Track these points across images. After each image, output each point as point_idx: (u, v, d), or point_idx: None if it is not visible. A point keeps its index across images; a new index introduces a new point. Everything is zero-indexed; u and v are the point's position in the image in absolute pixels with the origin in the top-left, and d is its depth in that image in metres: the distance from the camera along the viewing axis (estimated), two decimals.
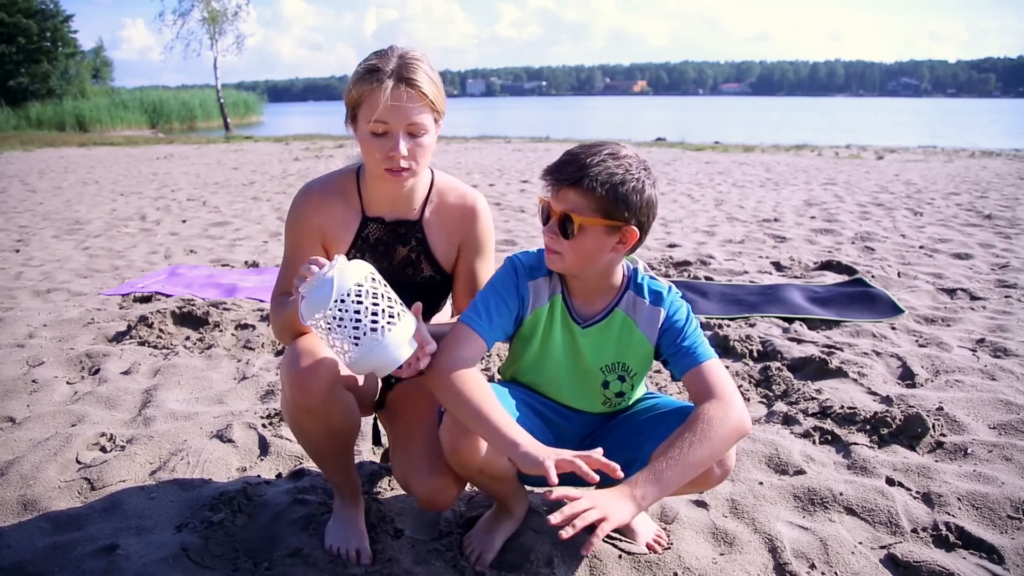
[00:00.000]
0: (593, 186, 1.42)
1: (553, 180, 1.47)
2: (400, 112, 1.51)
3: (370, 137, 1.55)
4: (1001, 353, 3.07)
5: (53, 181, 9.92)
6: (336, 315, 1.35)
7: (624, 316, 1.61)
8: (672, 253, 5.16)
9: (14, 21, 30.65)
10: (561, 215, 1.46)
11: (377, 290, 1.39)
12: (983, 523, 1.89)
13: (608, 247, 1.50)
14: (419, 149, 1.57)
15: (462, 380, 1.45)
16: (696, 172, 10.57)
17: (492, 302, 1.57)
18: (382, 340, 1.36)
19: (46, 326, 3.47)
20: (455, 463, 1.56)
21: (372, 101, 1.51)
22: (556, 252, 1.51)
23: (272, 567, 1.66)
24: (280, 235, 5.98)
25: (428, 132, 1.57)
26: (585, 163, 1.43)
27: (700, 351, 1.54)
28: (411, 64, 1.53)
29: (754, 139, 17.77)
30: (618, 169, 1.43)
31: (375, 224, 1.73)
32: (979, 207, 7.14)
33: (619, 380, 1.65)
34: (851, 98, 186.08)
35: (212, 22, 28.67)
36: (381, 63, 1.53)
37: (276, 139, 19.34)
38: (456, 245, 1.78)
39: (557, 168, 1.47)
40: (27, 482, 2.03)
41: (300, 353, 1.54)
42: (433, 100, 1.56)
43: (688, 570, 1.68)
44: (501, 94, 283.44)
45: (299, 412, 1.58)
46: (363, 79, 1.53)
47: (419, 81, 1.52)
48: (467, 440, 1.49)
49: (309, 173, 10.54)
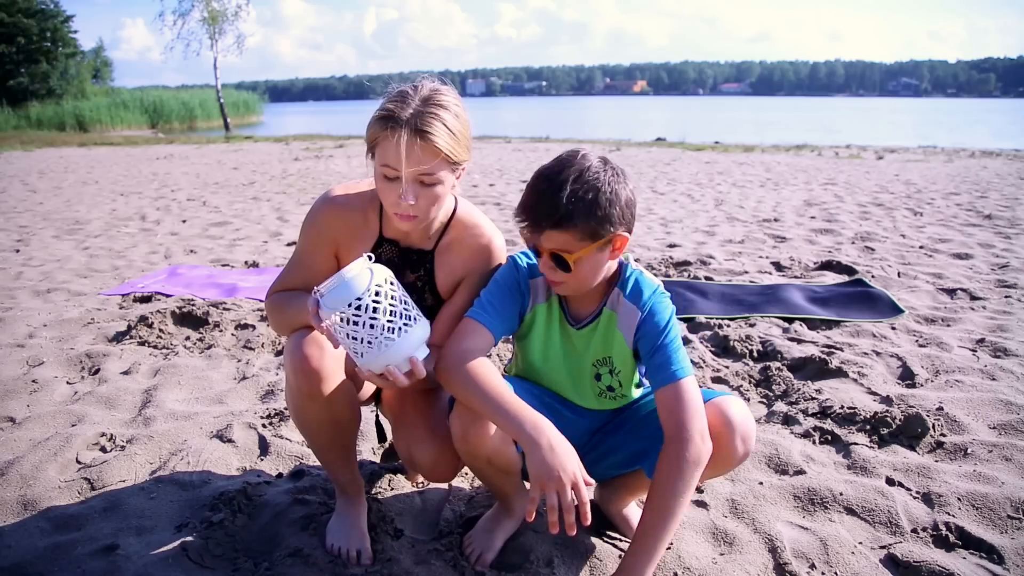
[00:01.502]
0: (574, 222, 1.41)
1: (531, 224, 1.46)
2: (410, 163, 1.47)
3: (382, 179, 1.53)
4: (1001, 353, 3.07)
5: (53, 181, 9.92)
6: (355, 314, 1.37)
7: (609, 314, 1.62)
8: (672, 253, 5.16)
9: (14, 21, 30.64)
10: (551, 253, 1.47)
11: (395, 293, 1.42)
12: (983, 523, 1.89)
13: (605, 260, 1.52)
14: (431, 198, 1.53)
15: (473, 368, 1.46)
16: (696, 172, 10.57)
17: (497, 297, 1.60)
18: (397, 341, 1.39)
19: (46, 326, 3.47)
20: (464, 452, 1.57)
21: (384, 147, 1.48)
22: (559, 282, 1.53)
23: (272, 567, 1.66)
24: (280, 235, 5.98)
25: (441, 183, 1.52)
26: (556, 201, 1.41)
27: (673, 368, 1.50)
28: (428, 115, 1.46)
29: (753, 139, 17.76)
30: (588, 193, 1.41)
31: (389, 245, 1.72)
32: (979, 207, 7.14)
33: (609, 373, 1.66)
34: (851, 98, 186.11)
35: (212, 22, 28.68)
36: (398, 110, 1.46)
37: (276, 139, 19.33)
38: (460, 279, 1.76)
39: (530, 210, 1.46)
40: (27, 482, 2.03)
41: (304, 341, 1.55)
42: (449, 154, 1.49)
43: (688, 570, 1.68)
44: (501, 94, 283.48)
45: (304, 399, 1.58)
46: (378, 123, 1.49)
47: (433, 135, 1.45)
48: (477, 427, 1.50)
49: (309, 173, 10.54)
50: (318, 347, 1.54)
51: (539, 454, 1.35)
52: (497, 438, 1.52)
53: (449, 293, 1.77)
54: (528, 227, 1.47)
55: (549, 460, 1.34)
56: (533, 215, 1.45)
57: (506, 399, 1.43)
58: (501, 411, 1.42)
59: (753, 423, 1.55)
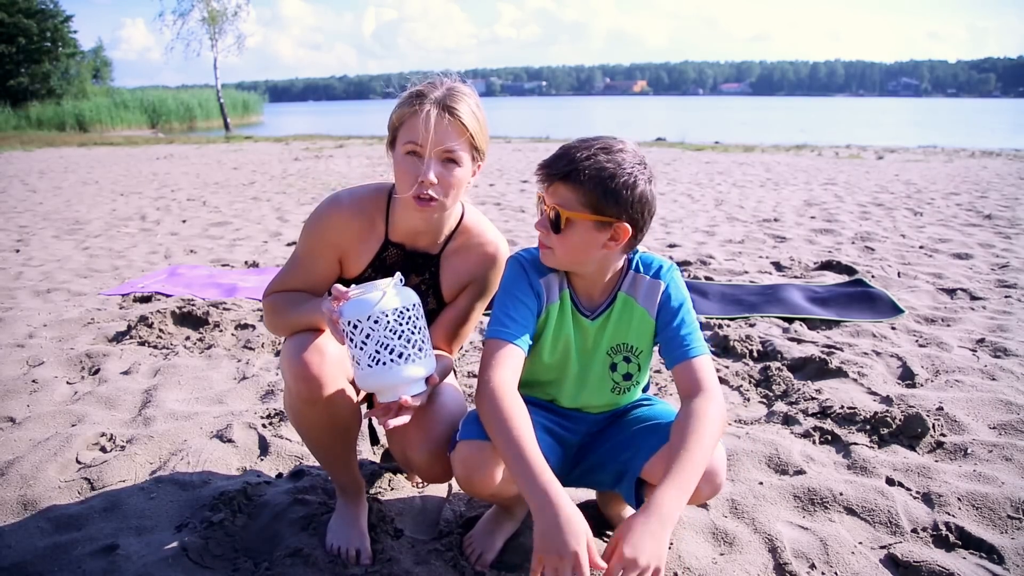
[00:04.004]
0: (581, 180, 1.41)
1: (545, 174, 1.48)
2: (436, 138, 1.50)
3: (403, 157, 1.54)
4: (1001, 353, 3.07)
5: (53, 181, 9.92)
6: (372, 328, 1.39)
7: (625, 296, 1.61)
8: (672, 253, 5.16)
9: (14, 21, 30.63)
10: (550, 209, 1.47)
11: (418, 322, 1.44)
12: (983, 523, 1.89)
13: (598, 243, 1.48)
14: (451, 179, 1.54)
15: (506, 408, 1.40)
16: (696, 172, 10.57)
17: (511, 307, 1.56)
18: (402, 366, 1.41)
19: (46, 326, 3.47)
20: (467, 490, 1.58)
21: (411, 123, 1.51)
22: (547, 247, 1.52)
23: (272, 567, 1.66)
24: (280, 235, 5.98)
25: (462, 165, 1.55)
26: (576, 157, 1.43)
27: (694, 345, 1.54)
28: (456, 95, 1.54)
29: (753, 139, 17.75)
30: (609, 164, 1.42)
31: (395, 249, 1.72)
32: (979, 207, 7.14)
33: (625, 361, 1.65)
34: (851, 98, 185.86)
35: (212, 22, 28.70)
36: (427, 90, 1.54)
37: (276, 139, 19.34)
38: (464, 284, 1.77)
39: (549, 162, 1.48)
40: (27, 482, 2.03)
41: (303, 345, 1.54)
42: (473, 134, 1.54)
43: (688, 570, 1.68)
44: (501, 94, 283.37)
45: (303, 404, 1.58)
46: (406, 102, 1.54)
47: (460, 112, 1.52)
48: (482, 473, 1.50)
49: (309, 173, 10.54)
50: (318, 353, 1.54)
51: (545, 526, 1.27)
52: (503, 481, 1.52)
53: (452, 297, 1.78)
54: (542, 177, 1.48)
55: (554, 537, 1.26)
56: (550, 165, 1.47)
57: (528, 455, 1.34)
58: (520, 467, 1.33)
59: (722, 459, 1.51)
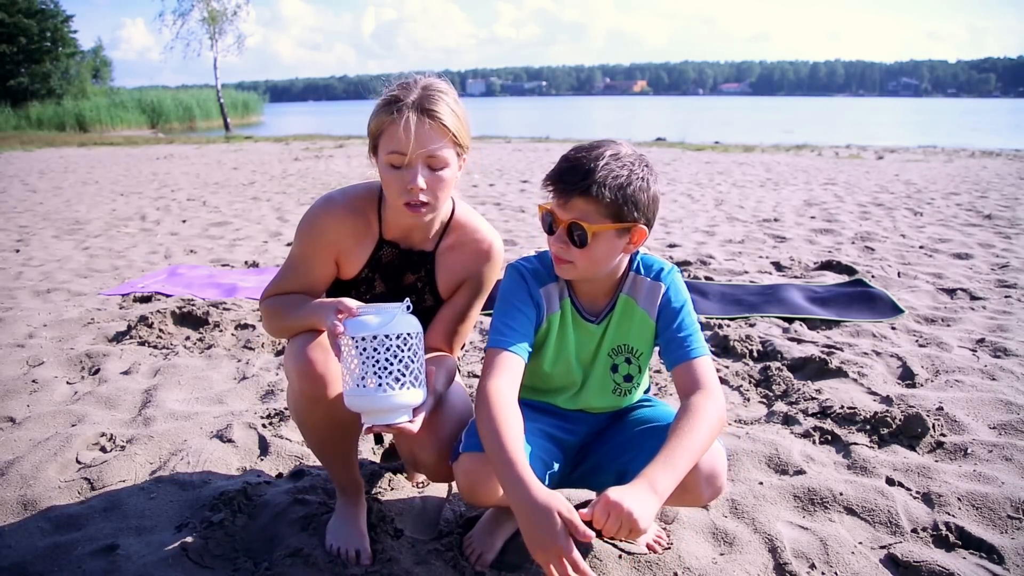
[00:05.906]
0: (602, 192, 1.40)
1: (559, 189, 1.44)
2: (419, 144, 1.48)
3: (388, 169, 1.52)
4: (1001, 353, 3.07)
5: (53, 181, 9.92)
6: (374, 348, 1.38)
7: (625, 298, 1.62)
8: (672, 253, 5.16)
9: (14, 21, 30.62)
10: (570, 224, 1.44)
11: (418, 351, 1.43)
12: (983, 523, 1.89)
13: (619, 249, 1.50)
14: (439, 183, 1.53)
15: (500, 417, 1.39)
16: (696, 172, 10.57)
17: (510, 316, 1.55)
18: (396, 391, 1.39)
19: (46, 326, 3.47)
20: (470, 500, 1.58)
21: (391, 132, 1.49)
22: (567, 261, 1.49)
23: (272, 567, 1.66)
24: (280, 235, 5.98)
25: (448, 166, 1.54)
26: (590, 168, 1.40)
27: (695, 346, 1.55)
28: (433, 96, 1.50)
29: (753, 139, 17.76)
30: (623, 170, 1.42)
31: (390, 248, 1.72)
32: (979, 207, 7.14)
33: (626, 363, 1.66)
34: (851, 98, 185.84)
35: (212, 22, 28.70)
36: (402, 94, 1.50)
37: (276, 139, 19.34)
38: (461, 281, 1.77)
39: (561, 176, 1.44)
40: (27, 482, 2.03)
41: (308, 343, 1.54)
42: (455, 133, 1.52)
43: (688, 570, 1.68)
44: (501, 94, 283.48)
45: (307, 402, 1.58)
46: (383, 110, 1.51)
47: (440, 113, 1.49)
48: (485, 487, 1.50)
49: (309, 173, 10.53)
50: (323, 351, 1.54)
51: (524, 526, 1.28)
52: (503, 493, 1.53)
53: (449, 294, 1.78)
54: (556, 192, 1.45)
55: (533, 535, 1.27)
56: (564, 179, 1.43)
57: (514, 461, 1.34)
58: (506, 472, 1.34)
59: (723, 462, 1.51)
